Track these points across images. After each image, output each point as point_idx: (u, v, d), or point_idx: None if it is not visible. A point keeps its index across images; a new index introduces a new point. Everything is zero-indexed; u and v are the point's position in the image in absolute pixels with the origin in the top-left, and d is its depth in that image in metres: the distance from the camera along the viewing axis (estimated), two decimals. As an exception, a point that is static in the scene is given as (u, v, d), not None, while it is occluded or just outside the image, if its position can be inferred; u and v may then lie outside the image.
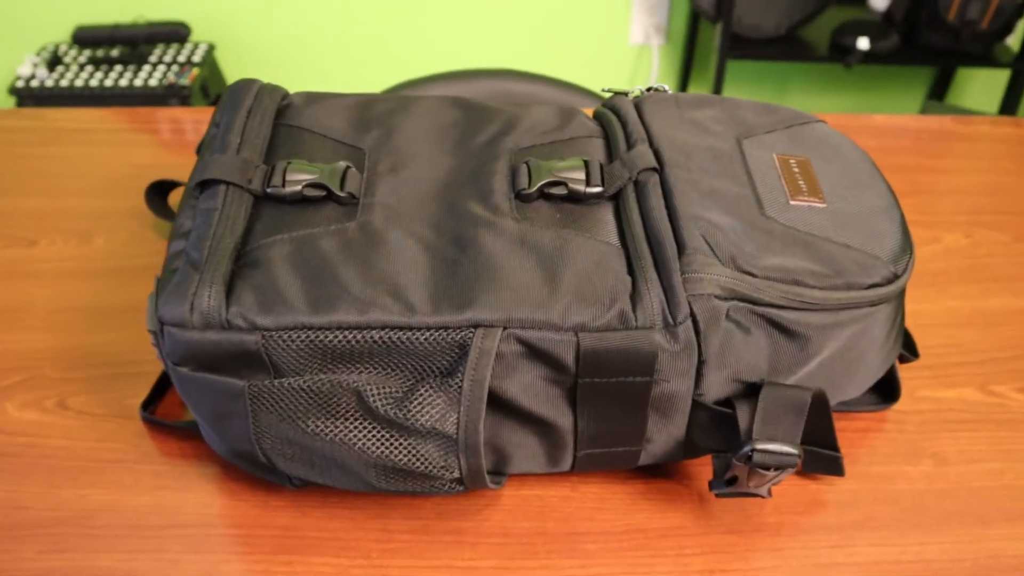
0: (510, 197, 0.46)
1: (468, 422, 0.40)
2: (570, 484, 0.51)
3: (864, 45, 1.75)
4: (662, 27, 2.10)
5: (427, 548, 0.47)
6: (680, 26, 2.08)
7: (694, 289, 0.41)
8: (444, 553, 0.47)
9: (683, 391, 0.43)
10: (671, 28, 2.09)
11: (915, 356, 0.56)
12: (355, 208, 0.45)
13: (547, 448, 0.46)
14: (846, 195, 0.48)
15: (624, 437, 0.45)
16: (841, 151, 0.52)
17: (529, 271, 0.42)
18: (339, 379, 0.40)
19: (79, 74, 1.77)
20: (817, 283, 0.43)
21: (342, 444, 0.41)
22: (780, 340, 0.43)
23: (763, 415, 0.42)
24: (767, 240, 0.44)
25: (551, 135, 0.50)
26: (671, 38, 2.11)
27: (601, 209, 0.46)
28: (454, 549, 0.47)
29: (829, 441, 0.48)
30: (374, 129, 0.50)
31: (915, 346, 0.57)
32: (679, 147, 0.48)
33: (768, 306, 0.42)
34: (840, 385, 0.48)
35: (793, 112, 0.54)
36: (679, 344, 0.40)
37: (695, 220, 0.43)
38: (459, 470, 0.42)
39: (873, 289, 0.44)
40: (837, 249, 0.45)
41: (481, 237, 0.43)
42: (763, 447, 0.41)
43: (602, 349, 0.40)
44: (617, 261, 0.43)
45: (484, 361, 0.39)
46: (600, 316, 0.40)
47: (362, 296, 0.40)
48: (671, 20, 2.07)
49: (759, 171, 0.48)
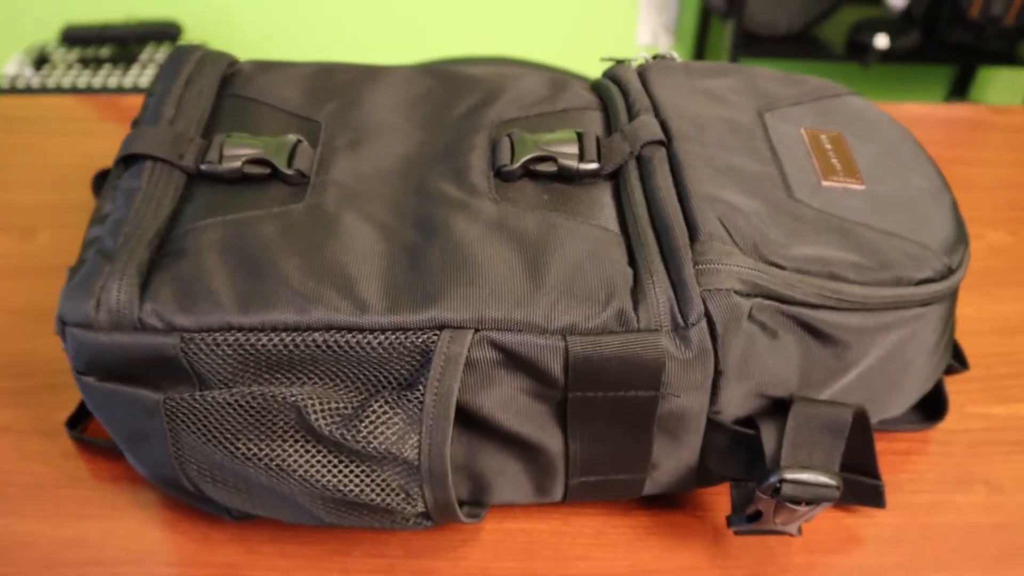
0: (488, 175, 0.39)
1: (432, 445, 0.32)
2: (562, 516, 0.43)
3: (883, 43, 1.67)
4: (671, 26, 2.03)
5: (391, 592, 0.40)
6: (689, 25, 2.01)
7: (710, 283, 0.33)
8: (411, 599, 0.39)
9: (696, 408, 0.35)
10: (680, 27, 2.02)
11: (964, 367, 0.48)
12: (304, 188, 0.38)
13: (533, 476, 0.39)
14: (887, 176, 0.41)
15: (625, 463, 0.38)
16: (879, 127, 0.44)
17: (508, 261, 0.34)
18: (275, 392, 0.33)
19: (67, 73, 1.72)
20: (859, 277, 0.35)
21: (280, 471, 0.34)
22: (813, 346, 0.36)
23: (794, 438, 0.35)
24: (796, 226, 0.36)
25: (540, 107, 0.43)
26: (680, 37, 2.04)
27: (597, 189, 0.38)
28: (422, 594, 0.40)
29: (869, 467, 0.40)
30: (333, 100, 0.43)
31: (964, 355, 0.50)
32: (690, 118, 0.41)
33: (800, 305, 0.35)
34: (881, 401, 0.40)
35: (822, 83, 0.47)
36: (691, 350, 0.33)
37: (710, 201, 0.36)
38: (423, 502, 0.34)
39: (925, 285, 0.36)
40: (880, 238, 0.37)
41: (451, 221, 0.36)
42: (794, 477, 0.34)
43: (596, 356, 0.33)
44: (616, 250, 0.35)
45: (451, 370, 0.32)
46: (594, 316, 0.33)
47: (303, 291, 0.33)
48: (680, 19, 2.01)
49: (785, 148, 0.41)
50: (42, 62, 1.75)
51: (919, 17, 1.72)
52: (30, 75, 1.71)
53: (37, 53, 1.77)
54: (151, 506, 0.43)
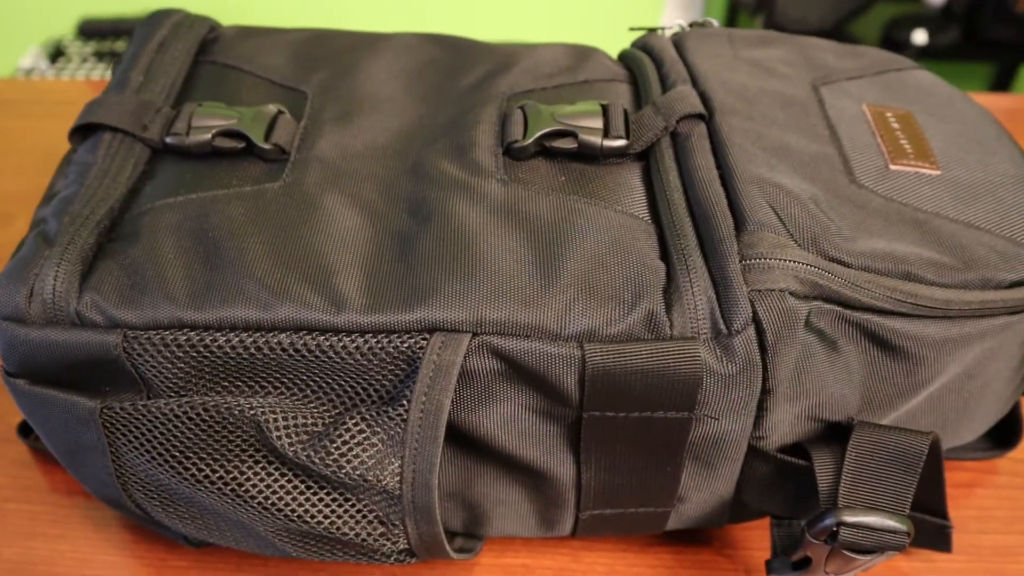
0: (497, 153, 0.33)
1: (416, 472, 0.27)
2: (570, 552, 0.37)
3: (921, 39, 1.60)
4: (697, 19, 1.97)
5: (373, 636, 0.34)
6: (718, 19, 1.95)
7: (760, 282, 0.27)
8: (396, 644, 0.34)
9: (736, 432, 0.29)
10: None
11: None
12: (283, 165, 0.33)
13: (538, 507, 0.33)
14: (967, 160, 0.35)
15: (647, 495, 0.32)
16: (953, 105, 0.38)
17: (515, 252, 0.29)
18: (232, 404, 0.27)
19: (82, 66, 1.70)
20: (940, 278, 0.29)
21: (236, 497, 0.28)
22: (880, 361, 0.30)
23: (855, 471, 0.29)
24: (861, 216, 0.31)
25: (559, 77, 0.37)
26: (707, 34, 1.97)
27: (624, 170, 0.33)
28: (410, 639, 0.34)
29: (936, 505, 0.34)
30: (324, 68, 0.38)
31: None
32: (736, 91, 0.35)
33: (868, 311, 0.29)
34: (952, 427, 0.34)
35: (886, 55, 0.40)
36: (735, 364, 0.27)
37: (760, 184, 0.30)
38: (406, 538, 0.29)
39: (1018, 288, 0.30)
40: (963, 231, 0.31)
41: (450, 205, 0.31)
42: (856, 520, 0.28)
43: (619, 369, 0.27)
44: (646, 241, 0.29)
45: (441, 382, 0.26)
46: (617, 319, 0.27)
47: (269, 283, 0.28)
48: (707, 15, 1.94)
49: (845, 126, 0.35)
50: (58, 55, 1.73)
51: (960, 13, 1.64)
52: (45, 68, 1.69)
53: (53, 46, 1.75)
54: (106, 525, 0.38)
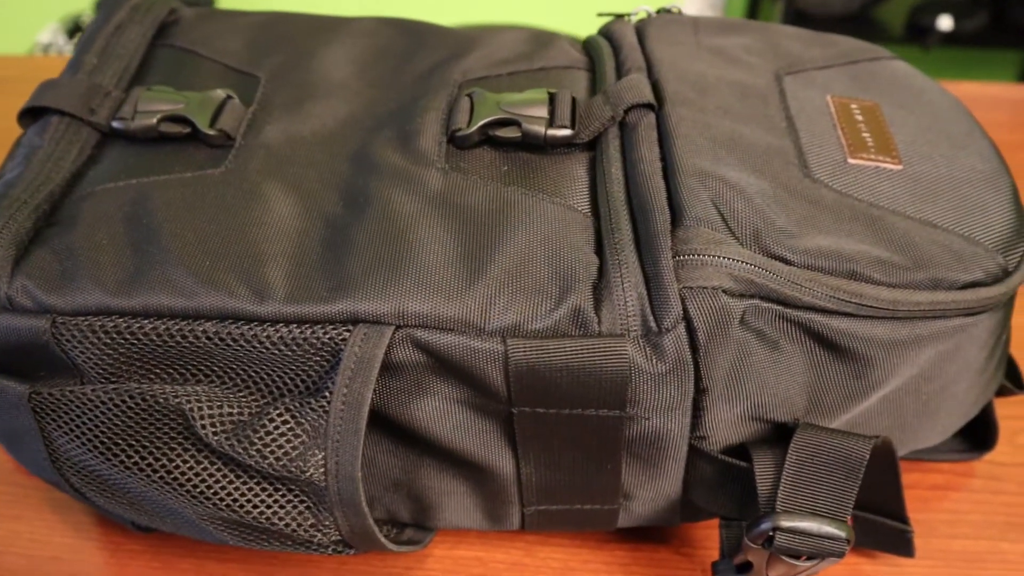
0: (441, 141, 0.32)
1: (340, 464, 0.27)
2: (525, 545, 0.37)
3: (947, 25, 1.55)
4: (718, 5, 1.93)
5: (317, 626, 0.34)
6: (738, 4, 1.91)
7: (693, 279, 0.26)
8: (338, 634, 0.34)
9: (674, 432, 0.29)
10: (728, 7, 1.92)
11: (1020, 389, 0.41)
12: (228, 151, 0.33)
13: (482, 500, 0.33)
14: (932, 155, 0.33)
15: (590, 492, 0.31)
16: (925, 97, 0.37)
17: (444, 244, 0.28)
18: (158, 391, 0.27)
19: (99, 44, 1.71)
20: (887, 277, 0.28)
21: (166, 484, 0.28)
22: (826, 362, 0.29)
23: (795, 474, 0.28)
24: (811, 212, 0.29)
25: (514, 64, 0.36)
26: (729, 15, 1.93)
27: (571, 161, 0.32)
28: (352, 629, 0.34)
29: (894, 509, 0.33)
30: (279, 53, 0.38)
31: (1020, 374, 0.42)
32: (690, 80, 0.34)
33: (809, 310, 0.28)
34: (913, 429, 0.33)
35: (859, 44, 0.39)
36: (665, 363, 0.26)
37: (703, 178, 0.29)
38: (337, 530, 0.29)
39: (972, 290, 0.29)
40: (917, 229, 0.30)
41: (386, 193, 0.30)
42: (791, 525, 0.27)
43: (543, 366, 0.26)
44: (581, 234, 0.29)
45: (363, 375, 0.26)
46: (543, 315, 0.27)
47: (197, 271, 0.28)
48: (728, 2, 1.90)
49: (806, 117, 0.34)
50: (76, 31, 1.74)
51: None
52: (63, 43, 1.71)
53: (72, 22, 1.76)
54: (66, 507, 0.38)
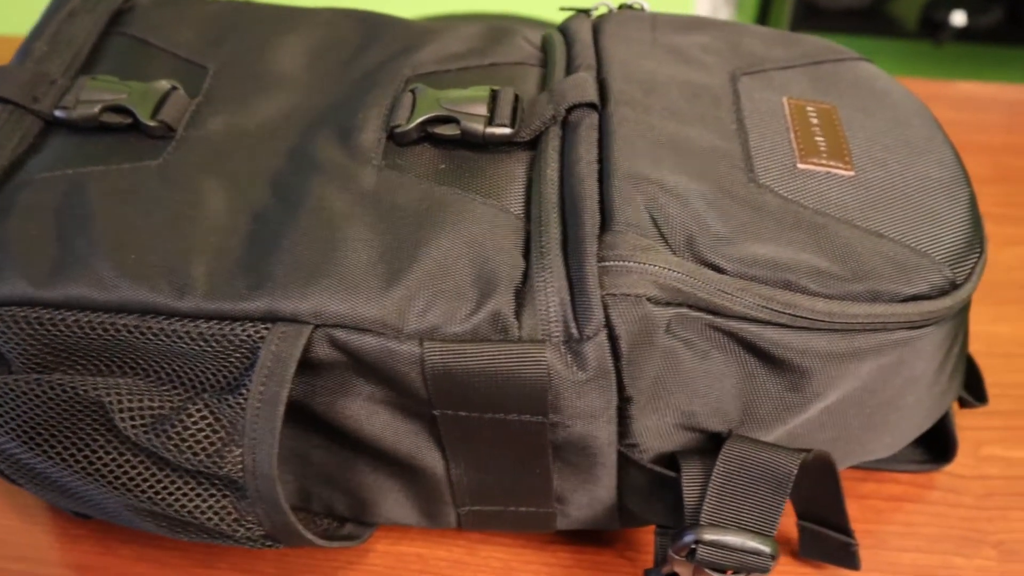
0: (381, 137, 0.32)
1: (257, 461, 0.26)
2: (467, 544, 0.37)
3: (960, 20, 1.52)
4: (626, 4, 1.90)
5: (253, 620, 0.34)
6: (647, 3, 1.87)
7: (616, 286, 0.26)
8: (274, 629, 0.34)
9: (601, 440, 0.28)
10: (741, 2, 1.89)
11: (981, 401, 0.40)
12: (168, 143, 0.32)
13: (417, 499, 0.32)
14: (887, 160, 0.32)
15: (522, 495, 0.31)
16: (888, 100, 0.36)
17: (369, 243, 0.28)
18: (79, 383, 0.27)
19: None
20: (823, 288, 0.27)
21: (89, 476, 0.28)
22: (759, 373, 0.28)
23: (721, 487, 0.27)
24: (752, 218, 0.29)
25: (465, 60, 0.36)
26: (742, 8, 1.91)
27: (511, 160, 0.31)
28: (288, 625, 0.34)
29: (837, 521, 0.33)
30: (233, 43, 0.37)
31: (983, 385, 0.41)
32: (639, 78, 0.33)
33: (742, 319, 0.27)
34: (858, 442, 0.32)
35: (825, 45, 0.38)
36: (586, 371, 0.26)
37: (638, 181, 0.29)
38: (259, 526, 0.29)
39: (915, 303, 0.28)
40: (862, 238, 0.29)
41: (318, 190, 0.30)
42: (714, 538, 0.27)
43: (460, 370, 0.26)
44: (510, 236, 0.28)
45: (279, 373, 0.26)
46: (462, 318, 0.26)
47: (120, 265, 0.27)
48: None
49: (758, 119, 0.33)
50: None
51: (1005, -7, 1.56)
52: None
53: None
54: (10, 491, 0.39)
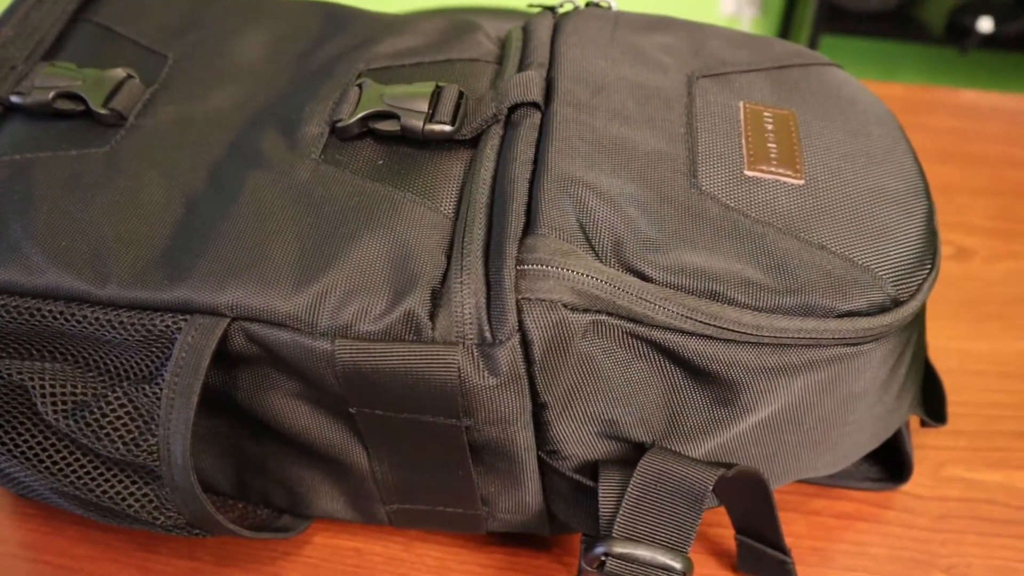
0: (324, 131, 0.32)
1: (172, 451, 0.26)
2: (404, 541, 0.37)
3: (987, 27, 1.48)
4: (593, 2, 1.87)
5: (188, 605, 0.34)
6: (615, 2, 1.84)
7: (533, 290, 0.25)
8: (206, 616, 0.34)
9: (520, 445, 0.28)
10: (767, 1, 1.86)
11: (938, 421, 0.39)
12: (118, 131, 0.33)
13: (347, 494, 0.32)
14: (843, 170, 0.32)
15: (447, 495, 0.31)
16: (853, 109, 0.35)
17: (294, 237, 0.28)
18: (3, 367, 0.27)
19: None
20: (751, 300, 0.27)
21: (14, 458, 0.28)
22: (685, 384, 0.28)
23: (637, 500, 0.27)
24: (687, 226, 0.28)
25: (420, 55, 0.35)
26: (767, 9, 1.88)
27: (451, 159, 0.31)
28: (220, 612, 0.34)
29: (772, 538, 0.32)
30: (196, 32, 0.37)
31: (943, 404, 0.40)
32: (589, 78, 0.33)
33: (666, 329, 0.26)
34: (797, 459, 0.32)
35: (795, 49, 0.37)
36: (497, 375, 0.26)
37: (569, 183, 0.28)
38: (179, 514, 0.29)
39: (850, 319, 0.27)
40: (801, 250, 0.28)
41: (252, 183, 0.30)
42: (623, 551, 0.26)
43: (370, 369, 0.26)
44: (436, 237, 0.28)
45: (192, 365, 0.26)
46: (375, 317, 0.26)
47: (51, 251, 0.28)
48: (768, -9, 1.84)
49: (709, 123, 0.32)
50: None
51: (1037, 0, 1.51)
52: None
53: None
54: (-30, 469, 0.39)
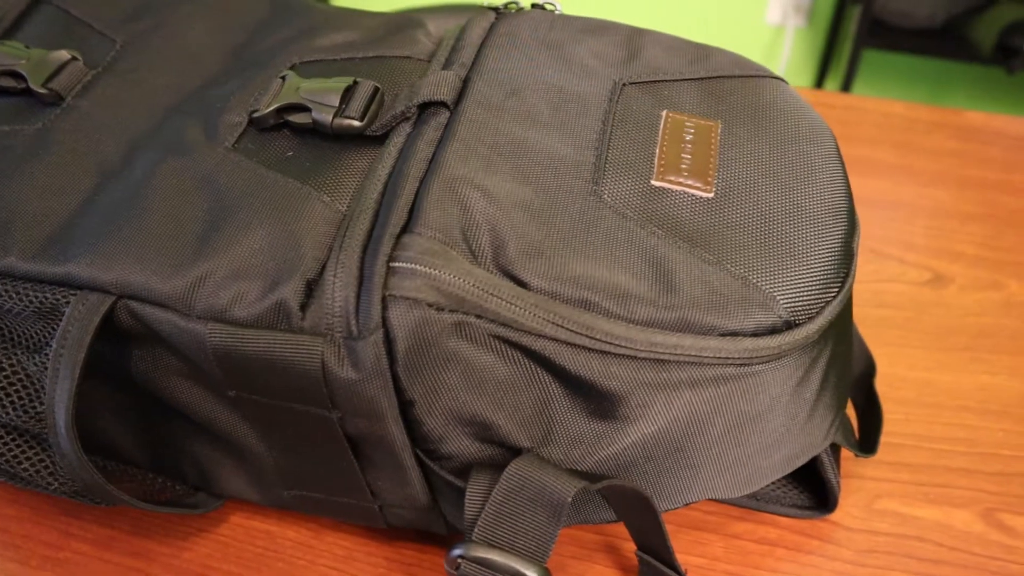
0: (242, 121, 0.32)
1: (57, 419, 0.27)
2: (317, 527, 0.37)
3: (1040, 47, 1.42)
4: (803, 6, 1.83)
5: (98, 570, 0.35)
6: (826, 7, 1.80)
7: (399, 288, 0.26)
8: (114, 585, 0.35)
9: (395, 440, 0.28)
10: (815, 9, 1.82)
11: (866, 452, 0.37)
12: (54, 110, 0.34)
13: (249, 476, 0.33)
14: (760, 185, 0.31)
15: (337, 485, 0.31)
16: (785, 123, 0.34)
17: (183, 221, 0.28)
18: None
19: None
20: (627, 313, 0.26)
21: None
22: (559, 392, 0.27)
23: (500, 505, 0.27)
24: (579, 234, 0.28)
25: (353, 50, 0.36)
26: (814, 20, 1.83)
27: (358, 154, 0.31)
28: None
29: (664, 556, 0.31)
30: (149, 18, 0.38)
31: (877, 434, 0.38)
32: (506, 81, 0.32)
33: (536, 335, 0.26)
34: (695, 478, 0.31)
35: (737, 61, 0.36)
36: (359, 370, 0.26)
37: (458, 184, 0.28)
38: (72, 481, 0.30)
39: (732, 339, 0.27)
40: (692, 265, 0.28)
41: (162, 166, 0.30)
42: (478, 555, 0.26)
43: (239, 354, 0.26)
44: (324, 230, 0.28)
45: (78, 337, 0.27)
46: (248, 303, 0.26)
47: (-41, 221, 0.29)
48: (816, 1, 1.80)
49: (626, 131, 0.32)
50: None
51: (1097, 22, 1.44)
52: None
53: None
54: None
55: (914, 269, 0.50)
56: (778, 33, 1.86)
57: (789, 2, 1.83)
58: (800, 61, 1.89)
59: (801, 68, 1.90)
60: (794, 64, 1.89)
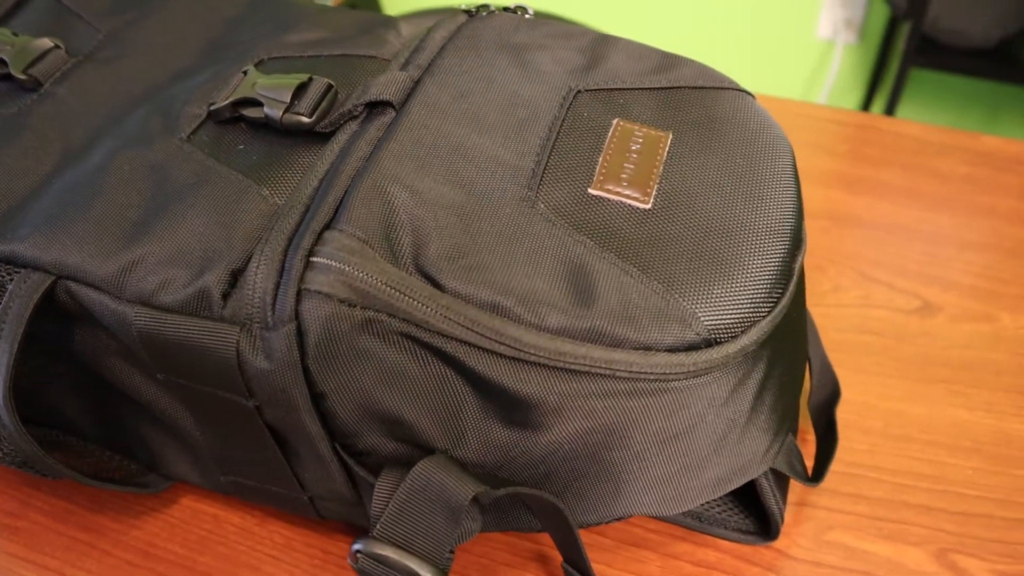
0: (201, 113, 0.33)
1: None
2: (261, 515, 0.38)
3: (1101, 72, 1.35)
4: (855, 22, 1.79)
5: (52, 541, 0.37)
6: (878, 24, 1.75)
7: (313, 282, 0.26)
8: (64, 555, 0.36)
9: (311, 431, 0.28)
10: (868, 24, 1.77)
11: (809, 480, 0.36)
12: (31, 95, 0.35)
13: (191, 459, 0.34)
14: (701, 198, 0.30)
15: (266, 474, 0.32)
16: (742, 137, 0.33)
17: (124, 208, 0.29)
18: None
19: None
20: (535, 319, 0.26)
21: None
22: (470, 395, 0.27)
23: (401, 502, 0.27)
24: (505, 239, 0.28)
25: (319, 48, 0.36)
26: (866, 36, 1.79)
27: (306, 151, 0.32)
28: (77, 554, 0.36)
29: (580, 566, 0.31)
30: (135, 10, 0.40)
31: (828, 461, 0.37)
32: (456, 84, 0.33)
33: (446, 337, 0.26)
34: (617, 494, 0.30)
35: (703, 72, 0.36)
36: (272, 360, 0.26)
37: (388, 184, 0.28)
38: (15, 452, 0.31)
39: (644, 353, 0.26)
40: (616, 276, 0.27)
41: (119, 153, 0.32)
42: (374, 551, 0.26)
43: (161, 339, 0.27)
44: (258, 222, 0.29)
45: (18, 314, 0.28)
46: (175, 289, 0.27)
47: (-78, 197, 0.30)
48: (868, 16, 1.75)
49: (570, 138, 0.32)
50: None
51: None
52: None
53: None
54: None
55: (902, 296, 0.49)
56: (828, 48, 1.82)
57: (840, 17, 1.79)
58: (849, 78, 1.84)
59: (850, 85, 1.85)
60: (842, 81, 1.85)
